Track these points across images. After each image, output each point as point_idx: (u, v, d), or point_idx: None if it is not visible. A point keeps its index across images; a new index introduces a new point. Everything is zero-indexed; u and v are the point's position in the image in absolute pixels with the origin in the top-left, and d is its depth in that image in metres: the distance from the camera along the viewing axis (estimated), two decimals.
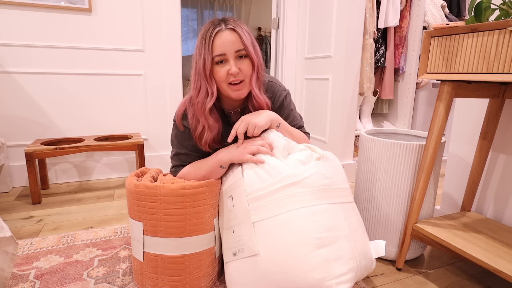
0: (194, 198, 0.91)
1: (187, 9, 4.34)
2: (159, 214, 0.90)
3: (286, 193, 0.85)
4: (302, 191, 0.85)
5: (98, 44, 1.92)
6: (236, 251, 0.91)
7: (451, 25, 0.90)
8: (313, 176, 0.87)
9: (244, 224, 0.89)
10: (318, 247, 0.80)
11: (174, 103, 2.15)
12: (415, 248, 1.16)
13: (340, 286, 0.79)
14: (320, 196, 0.86)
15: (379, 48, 2.27)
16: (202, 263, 0.96)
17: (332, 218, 0.85)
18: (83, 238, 1.29)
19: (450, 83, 0.95)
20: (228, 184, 0.98)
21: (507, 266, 0.84)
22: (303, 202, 0.84)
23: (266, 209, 0.86)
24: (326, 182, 0.89)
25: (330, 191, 0.89)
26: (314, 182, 0.87)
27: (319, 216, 0.83)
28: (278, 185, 0.86)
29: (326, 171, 0.90)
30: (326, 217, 0.84)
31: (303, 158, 0.92)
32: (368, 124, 2.44)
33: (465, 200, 1.20)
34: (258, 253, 0.85)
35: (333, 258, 0.81)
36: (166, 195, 0.89)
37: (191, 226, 0.92)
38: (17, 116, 1.85)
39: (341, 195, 0.91)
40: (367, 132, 1.29)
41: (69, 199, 1.71)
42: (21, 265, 1.10)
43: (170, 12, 2.03)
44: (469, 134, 1.29)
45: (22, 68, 1.81)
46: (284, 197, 0.85)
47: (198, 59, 0.94)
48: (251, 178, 0.91)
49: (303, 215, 0.83)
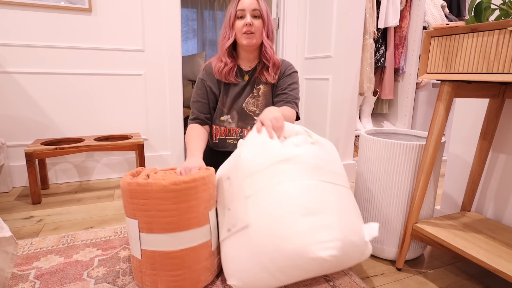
0: (186, 193, 0.91)
1: (187, 9, 4.34)
2: (152, 210, 0.90)
3: (279, 168, 0.89)
4: (293, 167, 0.89)
5: (98, 44, 1.92)
6: (230, 226, 0.93)
7: (451, 25, 0.90)
8: (305, 155, 0.91)
9: (238, 199, 0.92)
10: (304, 214, 0.83)
11: (174, 103, 2.15)
12: (415, 248, 1.16)
13: (324, 251, 0.80)
14: (312, 173, 0.89)
15: (379, 48, 2.27)
16: (199, 256, 0.96)
17: (321, 192, 0.87)
18: (83, 238, 1.29)
19: (450, 83, 0.95)
20: (226, 168, 1.01)
21: (507, 266, 0.84)
22: (294, 176, 0.88)
23: (258, 182, 0.89)
24: (318, 162, 0.92)
25: (322, 170, 0.91)
26: (306, 160, 0.90)
27: (307, 188, 0.86)
28: (272, 161, 0.90)
29: (320, 154, 0.93)
30: (316, 190, 0.87)
31: (298, 142, 0.96)
32: (368, 124, 2.44)
33: (465, 200, 1.20)
34: (249, 224, 0.87)
35: (319, 226, 0.83)
36: (157, 192, 0.89)
37: (185, 220, 0.92)
38: (17, 116, 1.85)
39: (334, 176, 0.94)
40: (367, 132, 1.29)
41: (69, 199, 1.71)
42: (21, 265, 1.10)
43: (170, 12, 2.03)
44: (469, 134, 1.29)
45: (22, 68, 1.81)
46: (276, 172, 0.88)
47: (227, 15, 1.27)
48: (247, 157, 0.93)
49: (293, 186, 0.86)
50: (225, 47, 1.27)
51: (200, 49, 4.48)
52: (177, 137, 2.21)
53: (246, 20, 1.20)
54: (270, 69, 1.29)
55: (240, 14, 1.22)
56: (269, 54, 1.27)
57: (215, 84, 1.32)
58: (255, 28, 1.22)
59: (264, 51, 1.28)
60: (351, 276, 1.07)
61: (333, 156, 0.99)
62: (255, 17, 1.23)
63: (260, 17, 1.23)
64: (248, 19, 1.20)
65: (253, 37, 1.22)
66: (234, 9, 1.23)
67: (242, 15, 1.22)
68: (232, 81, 1.30)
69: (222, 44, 1.28)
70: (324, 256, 0.80)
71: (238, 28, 1.23)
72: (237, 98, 1.31)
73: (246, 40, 1.22)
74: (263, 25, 1.24)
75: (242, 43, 1.24)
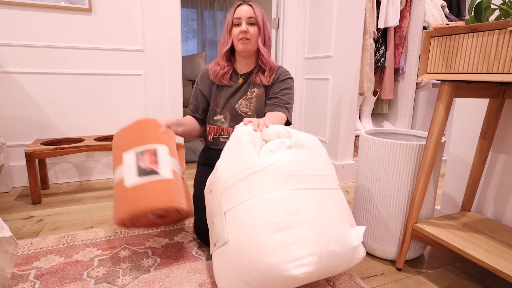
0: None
1: (187, 9, 4.34)
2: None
3: (251, 181, 0.87)
4: (266, 178, 0.87)
5: (98, 44, 1.92)
6: (215, 241, 0.94)
7: (451, 25, 0.90)
8: (278, 163, 0.88)
9: (218, 214, 0.92)
10: (276, 231, 0.81)
11: (174, 103, 2.15)
12: (415, 248, 1.16)
13: (297, 269, 0.77)
14: (284, 182, 0.86)
15: (379, 48, 2.27)
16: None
17: (294, 203, 0.84)
18: (83, 238, 1.29)
19: (450, 83, 0.95)
20: (210, 179, 1.02)
21: (507, 266, 0.84)
22: (265, 189, 0.85)
23: (234, 197, 0.88)
24: (293, 168, 0.89)
25: (297, 177, 0.88)
26: (278, 169, 0.88)
27: (279, 201, 0.84)
28: (244, 174, 0.89)
29: (296, 158, 0.91)
30: (287, 202, 0.84)
31: (273, 147, 0.94)
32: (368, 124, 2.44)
33: (465, 200, 1.20)
34: (228, 241, 0.87)
35: (291, 242, 0.80)
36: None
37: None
38: (17, 116, 1.85)
39: (315, 180, 0.91)
40: (367, 132, 1.29)
41: (69, 199, 1.71)
42: (21, 265, 1.10)
43: (170, 12, 2.03)
44: (469, 134, 1.29)
45: (22, 68, 1.81)
46: (249, 185, 0.87)
47: (225, 22, 1.34)
48: (222, 170, 0.94)
49: (264, 200, 0.84)
50: (222, 52, 1.35)
51: (200, 49, 4.48)
52: (176, 137, 2.20)
53: (242, 28, 1.28)
54: (267, 72, 1.35)
55: (236, 22, 1.30)
56: (266, 59, 1.34)
57: (206, 87, 1.41)
58: (251, 34, 1.29)
59: (261, 57, 1.35)
60: (351, 276, 1.07)
61: (314, 156, 0.95)
62: (251, 24, 1.30)
63: (255, 24, 1.31)
64: (244, 26, 1.28)
65: (248, 43, 1.30)
66: (231, 17, 1.31)
67: (239, 23, 1.30)
68: (225, 83, 1.37)
69: (221, 49, 1.37)
70: (298, 274, 0.77)
71: (234, 34, 1.31)
72: (230, 99, 1.36)
73: (241, 46, 1.30)
74: (259, 32, 1.31)
75: (238, 49, 1.32)
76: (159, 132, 1.18)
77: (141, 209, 0.97)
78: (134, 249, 1.21)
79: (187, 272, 1.08)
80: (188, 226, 1.41)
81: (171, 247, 1.23)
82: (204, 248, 1.22)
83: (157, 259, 1.15)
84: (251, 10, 1.30)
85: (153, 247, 1.23)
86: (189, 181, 2.04)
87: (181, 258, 1.15)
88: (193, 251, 1.21)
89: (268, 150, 0.94)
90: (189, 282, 1.02)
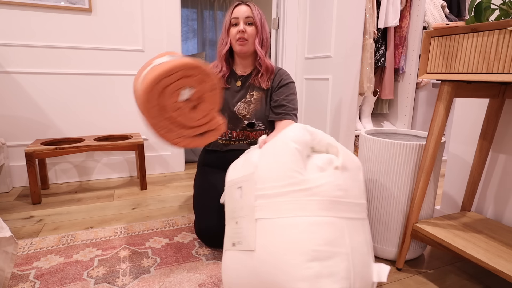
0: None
1: (187, 9, 4.34)
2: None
3: (295, 198, 0.83)
4: (310, 199, 0.82)
5: (98, 44, 1.92)
6: (235, 241, 0.91)
7: (451, 25, 0.90)
8: (326, 185, 0.84)
9: (247, 218, 0.89)
10: (312, 259, 0.78)
11: None
12: (415, 248, 1.16)
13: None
14: (328, 208, 0.83)
15: (379, 48, 2.27)
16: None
17: (335, 233, 0.81)
18: (83, 238, 1.29)
19: (450, 83, 0.95)
20: (239, 174, 0.97)
21: (507, 266, 0.84)
22: (308, 211, 0.81)
23: (271, 209, 0.85)
24: (339, 193, 0.85)
25: (340, 204, 0.85)
26: (325, 192, 0.83)
27: (321, 228, 0.80)
28: (289, 188, 0.84)
29: (342, 183, 0.86)
30: (329, 230, 0.81)
31: (321, 164, 0.88)
32: (368, 124, 2.44)
33: (465, 200, 1.20)
34: (254, 250, 0.85)
35: (325, 274, 0.77)
36: None
37: None
38: (17, 116, 1.85)
39: (353, 209, 0.88)
40: (367, 132, 1.29)
41: (69, 199, 1.71)
42: (21, 265, 1.10)
43: (170, 12, 2.03)
44: (469, 134, 1.29)
45: (22, 68, 1.81)
46: (292, 201, 0.83)
47: (224, 22, 1.33)
48: (263, 174, 0.89)
49: (305, 223, 0.80)
50: (222, 53, 1.34)
51: (200, 49, 4.48)
52: None
53: (239, 27, 1.27)
54: (264, 75, 1.34)
55: (234, 22, 1.29)
56: (262, 60, 1.33)
57: None
58: (248, 35, 1.28)
59: (258, 58, 1.34)
60: None
61: (357, 182, 0.91)
62: (248, 24, 1.29)
63: (253, 24, 1.29)
64: (241, 26, 1.27)
65: (246, 44, 1.28)
66: (229, 16, 1.31)
67: (236, 23, 1.28)
68: (223, 86, 1.36)
69: (219, 50, 1.36)
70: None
71: (232, 34, 1.29)
72: (228, 102, 1.35)
73: (239, 46, 1.28)
74: (256, 33, 1.30)
75: (236, 49, 1.30)
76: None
77: (161, 72, 0.88)
78: (134, 249, 1.21)
79: (187, 272, 1.08)
80: (188, 226, 1.41)
81: (171, 247, 1.23)
82: (204, 248, 1.23)
83: (157, 259, 1.15)
84: (249, 10, 1.29)
85: (153, 247, 1.23)
86: (189, 181, 2.04)
87: (181, 258, 1.15)
88: (193, 251, 1.21)
89: (315, 166, 0.88)
90: (189, 282, 1.02)
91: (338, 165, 0.89)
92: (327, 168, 0.88)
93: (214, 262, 1.13)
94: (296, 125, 0.94)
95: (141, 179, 1.85)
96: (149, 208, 1.62)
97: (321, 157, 0.90)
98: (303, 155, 0.89)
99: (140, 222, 1.45)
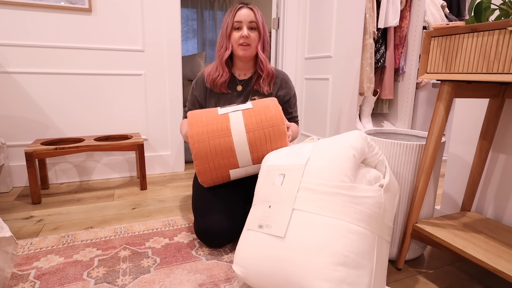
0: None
1: (187, 9, 4.34)
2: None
3: (340, 200, 0.83)
4: (354, 207, 0.83)
5: (98, 44, 1.92)
6: (264, 224, 0.91)
7: (451, 25, 0.90)
8: (370, 199, 0.85)
9: (284, 205, 0.89)
10: (341, 263, 0.78)
11: (174, 103, 2.15)
12: (415, 248, 1.16)
13: None
14: (368, 221, 0.83)
15: (379, 48, 2.27)
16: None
17: (368, 246, 0.82)
18: (83, 238, 1.29)
19: (450, 83, 0.95)
20: (283, 162, 0.98)
21: (507, 266, 0.84)
22: (350, 218, 0.82)
23: (313, 204, 0.85)
24: (378, 211, 0.86)
25: (378, 221, 0.86)
26: (369, 205, 0.84)
27: (357, 237, 0.81)
28: (336, 190, 0.85)
29: (383, 202, 0.88)
30: (363, 241, 0.81)
31: (369, 178, 0.90)
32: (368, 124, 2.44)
33: (465, 200, 1.20)
34: (284, 238, 0.84)
35: (349, 282, 0.77)
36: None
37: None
38: (17, 116, 1.85)
39: (384, 230, 0.88)
40: (367, 132, 1.29)
41: (69, 199, 1.71)
42: (21, 265, 1.10)
43: (170, 12, 2.03)
44: (469, 134, 1.29)
45: (22, 68, 1.81)
46: (336, 203, 0.83)
47: (224, 25, 1.29)
48: (315, 171, 0.89)
49: (344, 228, 0.81)
50: (223, 59, 1.31)
51: (200, 49, 4.48)
52: (177, 137, 2.21)
53: (243, 32, 1.24)
54: (265, 80, 1.34)
55: (237, 26, 1.26)
56: (264, 66, 1.32)
57: (201, 95, 1.39)
58: (251, 40, 1.26)
59: (259, 63, 1.32)
60: None
61: (393, 205, 0.92)
62: (252, 29, 1.27)
63: (256, 29, 1.28)
64: (245, 31, 1.24)
65: (249, 49, 1.27)
66: (231, 19, 1.26)
67: (239, 27, 1.26)
68: (223, 91, 1.35)
69: (220, 54, 1.32)
70: None
71: (234, 39, 1.26)
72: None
73: (242, 51, 1.27)
74: (259, 37, 1.29)
75: (238, 54, 1.28)
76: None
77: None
78: (134, 249, 1.21)
79: (187, 272, 1.08)
80: (188, 226, 1.41)
81: (171, 247, 1.23)
82: (204, 248, 1.23)
83: (157, 259, 1.15)
84: (252, 14, 1.26)
85: (153, 247, 1.23)
86: (189, 181, 2.04)
87: (181, 258, 1.16)
88: (193, 251, 1.21)
89: (364, 177, 0.90)
90: (189, 282, 1.02)
91: (384, 185, 0.90)
92: (373, 184, 0.90)
93: (214, 262, 1.13)
94: (358, 133, 0.95)
95: (141, 179, 1.85)
96: (149, 208, 1.62)
97: (370, 172, 0.92)
98: (357, 163, 0.90)
99: (140, 222, 1.45)
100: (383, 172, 0.96)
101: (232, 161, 1.14)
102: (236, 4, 1.31)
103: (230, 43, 1.28)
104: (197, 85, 1.39)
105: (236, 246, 1.24)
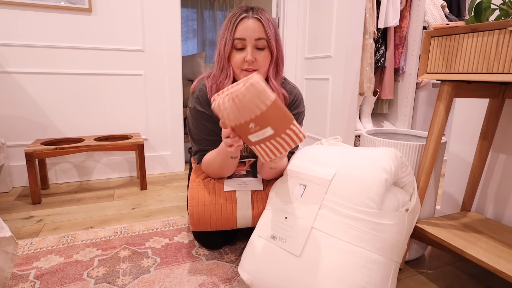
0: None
1: (187, 9, 4.34)
2: None
3: (363, 227, 0.79)
4: (377, 236, 0.79)
5: (98, 44, 1.92)
6: (278, 236, 0.86)
7: (451, 25, 0.90)
8: (395, 227, 0.81)
9: (303, 221, 0.83)
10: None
11: (174, 103, 2.15)
12: (416, 248, 1.16)
13: None
14: (389, 250, 0.80)
15: (379, 48, 2.27)
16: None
17: (385, 276, 0.79)
18: (83, 238, 1.29)
19: (450, 83, 0.95)
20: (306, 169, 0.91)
21: (507, 266, 0.84)
22: (371, 247, 0.78)
23: (334, 226, 0.80)
24: (400, 238, 0.83)
25: (398, 248, 0.82)
26: (392, 234, 0.81)
27: (376, 267, 0.77)
28: (360, 215, 0.80)
29: (405, 228, 0.84)
30: (381, 272, 0.78)
31: (397, 203, 0.86)
32: (368, 124, 2.44)
33: (465, 200, 1.20)
34: (299, 256, 0.80)
35: None
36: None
37: None
38: (17, 116, 1.85)
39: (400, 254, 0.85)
40: (367, 132, 1.29)
41: (69, 199, 1.71)
42: (21, 265, 1.10)
43: (170, 12, 2.03)
44: (469, 134, 1.29)
45: (22, 68, 1.81)
46: (358, 229, 0.79)
47: (221, 40, 0.94)
48: (341, 189, 0.84)
49: (364, 257, 0.77)
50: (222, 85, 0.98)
51: (200, 49, 4.48)
52: (177, 137, 2.21)
53: (248, 56, 0.90)
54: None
55: (239, 45, 0.92)
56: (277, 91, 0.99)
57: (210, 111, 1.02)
58: (259, 64, 0.93)
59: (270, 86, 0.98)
60: None
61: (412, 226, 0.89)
62: (259, 49, 0.93)
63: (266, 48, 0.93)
64: (249, 55, 0.90)
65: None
66: (230, 35, 0.91)
67: (242, 46, 0.92)
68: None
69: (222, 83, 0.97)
70: None
71: (236, 62, 0.93)
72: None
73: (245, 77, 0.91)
74: (271, 58, 0.94)
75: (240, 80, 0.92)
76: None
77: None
78: (134, 249, 1.21)
79: (187, 272, 1.08)
80: (188, 226, 1.41)
81: (171, 247, 1.23)
82: (204, 248, 1.22)
83: (157, 259, 1.15)
84: (261, 28, 0.91)
85: (153, 247, 1.23)
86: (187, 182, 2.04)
87: (181, 258, 1.15)
88: (193, 251, 1.21)
89: (392, 203, 0.84)
90: (189, 282, 1.02)
91: (409, 209, 0.86)
92: (400, 208, 0.86)
93: (214, 262, 1.13)
94: (394, 152, 0.87)
95: (141, 179, 1.85)
96: (149, 208, 1.62)
97: (397, 195, 0.87)
98: (388, 187, 0.84)
99: (140, 222, 1.45)
100: (410, 192, 0.92)
101: (231, 223, 1.09)
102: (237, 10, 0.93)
103: (231, 68, 0.95)
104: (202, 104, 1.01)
105: (236, 246, 1.24)
